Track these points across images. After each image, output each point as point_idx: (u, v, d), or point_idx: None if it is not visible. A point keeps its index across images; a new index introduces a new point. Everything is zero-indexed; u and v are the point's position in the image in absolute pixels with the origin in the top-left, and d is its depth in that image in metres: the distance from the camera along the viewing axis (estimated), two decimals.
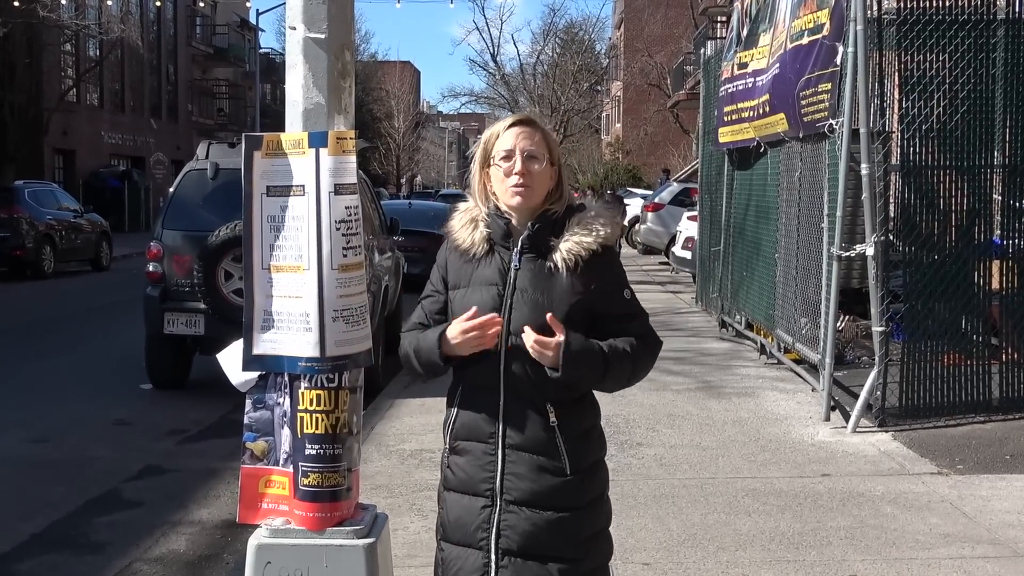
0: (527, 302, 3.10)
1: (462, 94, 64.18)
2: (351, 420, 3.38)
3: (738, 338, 13.19)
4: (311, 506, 3.34)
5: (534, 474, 3.08)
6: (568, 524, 3.10)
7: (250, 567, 3.35)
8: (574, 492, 3.12)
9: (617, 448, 7.83)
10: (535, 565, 3.07)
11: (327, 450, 3.33)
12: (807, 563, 5.43)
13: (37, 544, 6.24)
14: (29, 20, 30.52)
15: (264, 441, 3.44)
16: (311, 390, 3.34)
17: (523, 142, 3.13)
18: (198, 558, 6.03)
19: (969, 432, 8.15)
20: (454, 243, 3.25)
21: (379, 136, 72.89)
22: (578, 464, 3.13)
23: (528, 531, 3.08)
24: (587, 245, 3.11)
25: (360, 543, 3.33)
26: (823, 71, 8.66)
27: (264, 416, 3.44)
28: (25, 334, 14.81)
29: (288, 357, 3.37)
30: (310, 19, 3.33)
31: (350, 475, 3.39)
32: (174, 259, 10.17)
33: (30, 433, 8.88)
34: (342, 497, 3.36)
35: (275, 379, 3.42)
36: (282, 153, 3.35)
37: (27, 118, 35.87)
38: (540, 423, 3.09)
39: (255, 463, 3.45)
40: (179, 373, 10.71)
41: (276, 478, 3.43)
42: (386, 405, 9.42)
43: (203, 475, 7.53)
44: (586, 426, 3.21)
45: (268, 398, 3.44)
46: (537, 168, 3.13)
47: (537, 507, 3.08)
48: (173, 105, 50.80)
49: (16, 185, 24.46)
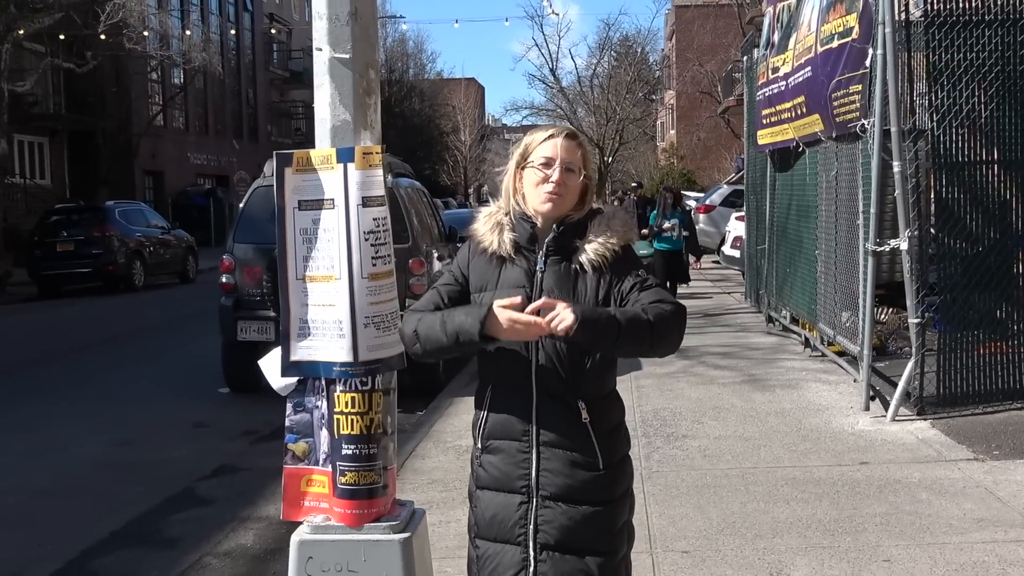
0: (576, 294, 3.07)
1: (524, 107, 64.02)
2: (385, 421, 3.36)
3: (784, 332, 13.01)
4: (349, 503, 3.33)
5: (569, 469, 3.03)
6: (602, 517, 3.05)
7: (293, 562, 3.34)
8: (607, 486, 3.07)
9: (663, 440, 7.76)
10: (573, 559, 3.02)
11: (363, 450, 3.32)
12: (841, 549, 5.31)
13: (116, 540, 6.32)
14: (116, 53, 31.03)
15: (305, 442, 3.44)
16: (346, 393, 3.33)
17: (565, 154, 3.09)
18: (264, 552, 6.06)
19: (1006, 419, 7.94)
20: (479, 245, 3.19)
21: (447, 149, 73.15)
22: (610, 459, 3.08)
23: (565, 525, 3.02)
24: (612, 246, 3.07)
25: (396, 538, 3.31)
26: (853, 73, 8.50)
27: (304, 419, 3.44)
28: (116, 344, 15.07)
29: (324, 362, 3.36)
30: (335, 40, 3.31)
31: (386, 473, 3.37)
32: (245, 271, 10.26)
33: (115, 436, 9.01)
34: (378, 494, 3.35)
35: (313, 383, 3.41)
36: (312, 169, 3.34)
37: (118, 143, 36.54)
38: (573, 420, 3.04)
39: (297, 463, 3.44)
40: (253, 377, 10.73)
41: (317, 477, 3.42)
42: (446, 403, 9.42)
43: (272, 473, 7.49)
44: (614, 423, 3.15)
45: (307, 401, 3.43)
46: (572, 181, 3.10)
47: (573, 502, 3.03)
48: (253, 126, 51.42)
49: (107, 205, 24.91)
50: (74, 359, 13.67)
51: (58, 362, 13.46)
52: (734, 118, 44.58)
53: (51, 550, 6.11)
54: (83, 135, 35.75)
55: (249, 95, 50.98)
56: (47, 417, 9.85)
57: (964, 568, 4.99)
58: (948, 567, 5.01)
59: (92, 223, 23.23)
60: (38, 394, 11.11)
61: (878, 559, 5.15)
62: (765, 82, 12.41)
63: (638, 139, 60.31)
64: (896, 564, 5.07)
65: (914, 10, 8.21)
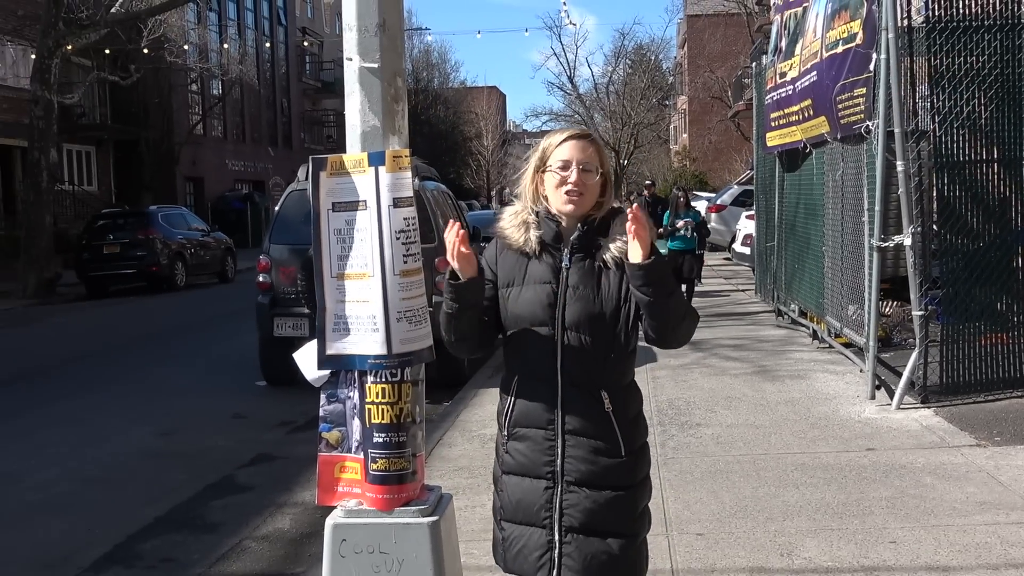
0: (580, 298, 3.03)
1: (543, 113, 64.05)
2: (414, 410, 3.36)
3: (793, 325, 12.95)
4: (380, 488, 3.33)
5: (592, 456, 3.02)
6: (624, 501, 3.04)
7: (328, 544, 3.35)
8: (629, 472, 3.06)
9: (678, 429, 7.74)
10: (596, 541, 3.02)
11: (393, 438, 3.32)
12: (849, 531, 5.28)
13: (160, 525, 6.35)
14: (158, 66, 31.20)
15: (338, 431, 3.44)
16: (377, 384, 3.32)
17: (580, 155, 3.08)
18: (300, 535, 6.08)
19: (1007, 407, 7.88)
20: (506, 243, 3.19)
21: (470, 154, 73.17)
22: (631, 446, 3.07)
23: (589, 509, 3.02)
24: None
25: (425, 521, 3.31)
26: (857, 76, 8.45)
27: (337, 408, 3.44)
28: (159, 340, 15.15)
29: (358, 356, 3.35)
30: (364, 51, 3.31)
31: (415, 460, 3.37)
32: (280, 270, 10.29)
33: (159, 427, 9.06)
34: (408, 480, 3.34)
35: (345, 375, 3.41)
36: (345, 172, 3.34)
37: (160, 151, 36.76)
38: (596, 409, 3.03)
39: (330, 451, 3.44)
40: (288, 371, 10.75)
41: (349, 464, 3.42)
42: (470, 395, 9.43)
43: (308, 461, 7.54)
44: (634, 412, 3.13)
45: (340, 392, 3.43)
46: (590, 180, 3.08)
47: (596, 487, 3.02)
48: (288, 134, 51.59)
49: (151, 209, 25.04)
50: (120, 354, 13.76)
51: (105, 357, 13.55)
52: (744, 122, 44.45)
53: (99, 535, 6.15)
54: (127, 144, 35.96)
55: (283, 104, 51.16)
56: (95, 409, 9.91)
57: (968, 549, 4.95)
58: (952, 548, 4.98)
59: (137, 227, 23.35)
60: (87, 387, 11.19)
61: (884, 540, 5.12)
62: (773, 86, 12.35)
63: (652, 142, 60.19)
64: (902, 545, 5.04)
65: (916, 16, 8.17)
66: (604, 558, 3.01)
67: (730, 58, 51.26)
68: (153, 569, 5.57)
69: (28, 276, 22.43)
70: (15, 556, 5.81)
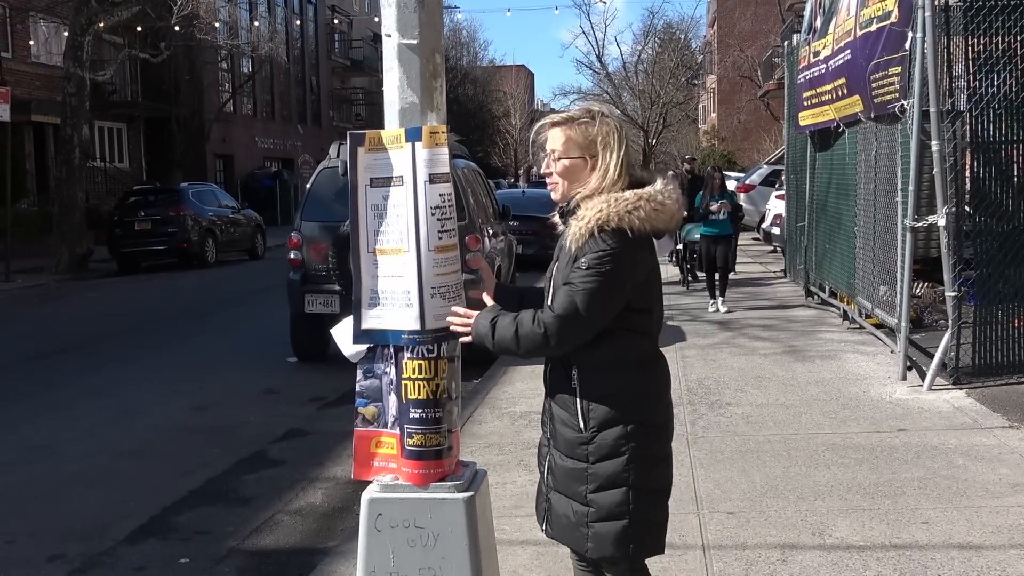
0: (551, 278, 3.18)
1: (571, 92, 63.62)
2: (450, 386, 3.38)
3: (822, 305, 12.88)
4: (416, 464, 3.35)
5: (561, 427, 3.16)
6: (579, 474, 3.11)
7: (364, 517, 3.37)
8: (586, 446, 3.10)
9: (708, 408, 7.72)
10: (564, 500, 3.16)
11: (429, 413, 3.33)
12: (881, 511, 5.26)
13: (195, 498, 6.41)
14: (189, 43, 31.28)
15: (374, 406, 3.46)
16: (413, 360, 3.34)
17: (552, 143, 3.15)
18: (332, 510, 6.13)
19: None
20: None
21: (498, 133, 72.98)
22: (593, 423, 3.08)
23: (559, 474, 3.17)
24: (581, 227, 3.00)
25: (460, 496, 3.33)
26: (892, 55, 8.35)
27: (374, 384, 3.45)
28: (190, 316, 15.26)
29: (392, 330, 3.37)
30: (403, 27, 3.31)
31: (451, 435, 3.38)
32: (312, 247, 10.32)
33: (192, 402, 9.13)
34: (444, 455, 3.36)
35: (382, 351, 3.42)
36: (382, 148, 3.35)
37: (191, 128, 36.88)
38: (566, 384, 3.14)
39: (367, 426, 3.46)
40: (320, 347, 10.87)
41: (385, 439, 3.44)
42: (500, 372, 9.44)
43: (339, 436, 7.62)
44: (603, 391, 3.08)
45: (376, 368, 3.45)
46: (563, 165, 3.12)
47: (564, 453, 3.16)
48: (317, 112, 51.60)
49: (181, 187, 25.18)
50: (153, 330, 13.88)
51: (139, 332, 13.68)
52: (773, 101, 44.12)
53: (135, 507, 6.21)
54: (158, 121, 36.09)
55: (312, 82, 51.15)
56: (130, 383, 10.00)
57: (1000, 530, 4.92)
58: (985, 529, 4.95)
59: (168, 203, 23.48)
60: (122, 361, 11.29)
61: (916, 521, 5.10)
62: (806, 65, 12.24)
63: (681, 122, 59.73)
64: (934, 526, 5.02)
65: None
66: (565, 521, 3.16)
67: (760, 37, 50.79)
68: (188, 541, 5.62)
69: (61, 252, 22.62)
70: (52, 527, 5.89)
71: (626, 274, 2.98)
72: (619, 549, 3.09)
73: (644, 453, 3.09)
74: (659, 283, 3.21)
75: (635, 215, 2.96)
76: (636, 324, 3.08)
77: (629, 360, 3.10)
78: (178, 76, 35.72)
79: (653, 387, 3.16)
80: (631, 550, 3.10)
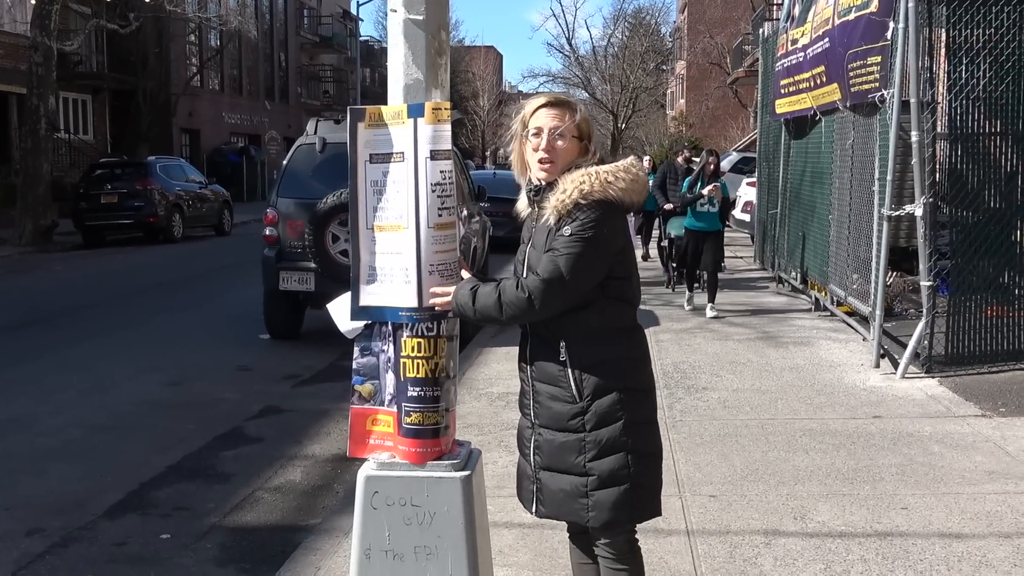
0: (529, 254, 3.21)
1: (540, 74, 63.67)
2: (448, 365, 3.36)
3: (793, 293, 12.98)
4: (413, 442, 3.33)
5: (550, 402, 3.19)
6: (574, 445, 3.16)
7: (360, 495, 3.35)
8: (583, 415, 3.15)
9: (684, 392, 7.76)
10: (559, 476, 3.20)
11: (427, 392, 3.32)
12: (861, 496, 5.31)
13: (172, 474, 6.35)
14: (158, 14, 30.88)
15: (371, 384, 3.43)
16: (412, 338, 3.32)
17: (552, 122, 3.17)
18: (312, 488, 6.10)
19: (1010, 378, 7.92)
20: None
21: (466, 114, 72.75)
22: (588, 391, 3.14)
23: (550, 451, 3.21)
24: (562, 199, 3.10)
25: (457, 475, 3.32)
26: (871, 45, 8.39)
27: (370, 361, 3.43)
28: (158, 291, 15.10)
29: (390, 308, 3.35)
30: (410, 3, 3.27)
31: (448, 414, 3.37)
32: (287, 224, 10.23)
33: (165, 377, 9.04)
34: (441, 434, 3.35)
35: (379, 328, 3.40)
36: (383, 124, 3.32)
37: (158, 102, 36.39)
38: (553, 359, 3.18)
39: (363, 404, 3.44)
40: (293, 325, 10.82)
41: (382, 417, 3.42)
42: (475, 353, 9.42)
43: (315, 415, 7.59)
44: (596, 359, 3.15)
45: (374, 345, 3.42)
46: (561, 145, 3.17)
47: (554, 429, 3.19)
48: (284, 88, 51.14)
49: (149, 160, 24.85)
50: (121, 304, 13.72)
51: (109, 306, 13.51)
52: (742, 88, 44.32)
53: (112, 482, 6.14)
54: (125, 93, 35.58)
55: (281, 59, 50.67)
56: (102, 357, 9.89)
57: (979, 517, 4.99)
58: (963, 515, 5.01)
59: (135, 177, 23.19)
60: (93, 335, 11.15)
61: (896, 507, 5.15)
62: (784, 53, 12.28)
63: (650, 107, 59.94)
64: (914, 512, 5.08)
65: None
66: (561, 496, 3.19)
67: (730, 24, 50.96)
68: (168, 517, 5.57)
69: (25, 223, 22.31)
70: (29, 501, 5.81)
71: (608, 241, 3.09)
72: (622, 513, 3.15)
73: (638, 417, 3.19)
74: (633, 253, 3.33)
75: (616, 185, 3.10)
76: (620, 292, 3.19)
77: (616, 328, 3.20)
78: (146, 48, 35.23)
79: (639, 353, 3.28)
80: (633, 513, 3.18)
